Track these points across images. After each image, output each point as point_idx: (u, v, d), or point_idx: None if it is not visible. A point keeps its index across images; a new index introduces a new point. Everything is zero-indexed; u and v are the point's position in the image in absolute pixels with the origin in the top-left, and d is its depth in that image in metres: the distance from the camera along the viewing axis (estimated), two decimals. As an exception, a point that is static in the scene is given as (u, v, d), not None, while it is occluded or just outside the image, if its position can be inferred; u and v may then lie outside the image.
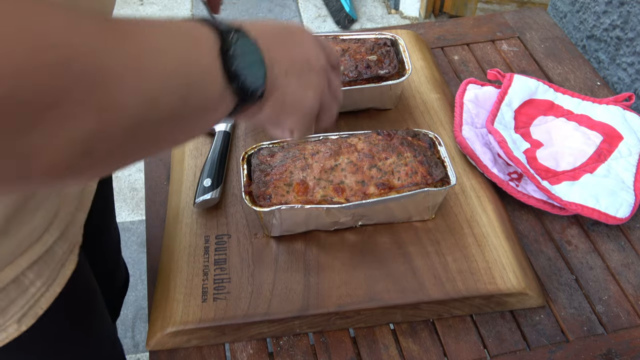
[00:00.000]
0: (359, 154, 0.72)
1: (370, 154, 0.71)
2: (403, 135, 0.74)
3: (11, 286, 0.51)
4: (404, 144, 0.73)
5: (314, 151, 0.72)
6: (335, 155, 0.72)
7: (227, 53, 0.38)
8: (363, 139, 0.74)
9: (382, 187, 0.68)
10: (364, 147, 0.72)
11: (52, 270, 0.55)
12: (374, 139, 0.74)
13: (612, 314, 0.68)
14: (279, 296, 0.66)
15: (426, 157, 0.71)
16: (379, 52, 0.87)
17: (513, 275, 0.67)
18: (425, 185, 0.69)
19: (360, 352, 0.65)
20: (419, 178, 0.69)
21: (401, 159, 0.71)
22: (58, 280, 0.56)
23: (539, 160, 0.82)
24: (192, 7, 2.82)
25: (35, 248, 0.52)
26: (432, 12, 2.65)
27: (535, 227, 0.77)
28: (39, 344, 0.57)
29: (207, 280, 0.67)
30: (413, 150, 0.72)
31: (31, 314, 0.53)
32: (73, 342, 0.63)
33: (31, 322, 0.53)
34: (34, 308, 0.53)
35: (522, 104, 0.89)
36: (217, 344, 0.65)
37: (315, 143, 0.74)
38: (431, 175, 0.70)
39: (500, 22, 1.09)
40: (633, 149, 0.82)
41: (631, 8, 0.98)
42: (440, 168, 0.71)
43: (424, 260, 0.69)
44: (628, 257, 0.74)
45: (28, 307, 0.53)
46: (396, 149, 0.72)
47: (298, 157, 0.72)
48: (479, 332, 0.66)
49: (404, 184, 0.69)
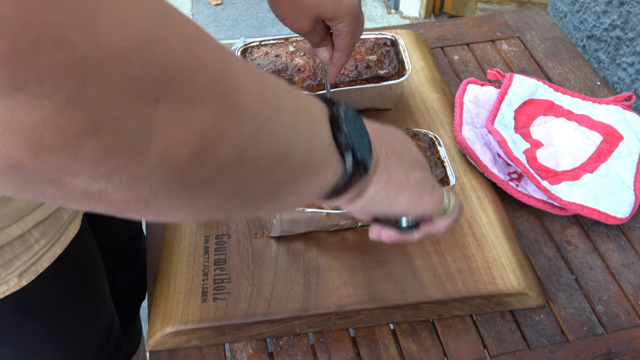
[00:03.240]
0: None
1: None
2: None
3: (17, 241, 0.54)
4: None
5: None
6: None
7: (336, 119, 0.38)
8: None
9: None
10: None
11: (57, 231, 0.58)
12: None
13: (612, 314, 0.68)
14: (279, 296, 0.66)
15: (426, 158, 0.71)
16: (379, 52, 0.87)
17: (513, 275, 0.67)
18: None
19: (360, 352, 0.65)
20: None
21: None
22: (60, 242, 0.59)
23: (539, 160, 0.82)
24: (192, 7, 2.82)
25: (43, 208, 0.55)
26: (432, 12, 2.65)
27: (535, 227, 0.77)
28: (37, 302, 0.60)
29: (207, 280, 0.67)
30: None
31: (32, 270, 0.56)
32: (69, 305, 0.65)
33: (32, 277, 0.56)
34: (35, 265, 0.56)
35: (522, 104, 0.89)
36: (217, 344, 0.65)
37: None
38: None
39: (500, 22, 1.09)
40: (633, 149, 0.82)
41: (631, 8, 0.98)
42: (439, 168, 0.71)
43: (424, 260, 0.69)
44: (628, 257, 0.74)
45: (30, 264, 0.56)
46: None
47: None
48: (479, 332, 0.66)
49: None
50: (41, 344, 0.64)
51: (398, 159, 0.44)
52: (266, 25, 2.68)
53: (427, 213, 0.48)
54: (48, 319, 0.63)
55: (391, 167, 0.43)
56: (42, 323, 0.62)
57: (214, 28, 2.68)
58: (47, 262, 0.57)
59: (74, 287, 0.65)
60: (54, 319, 0.63)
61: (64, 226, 0.59)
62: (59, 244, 0.59)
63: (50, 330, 0.63)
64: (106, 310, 0.73)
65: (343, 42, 0.70)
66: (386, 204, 0.45)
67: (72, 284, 0.64)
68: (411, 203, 0.46)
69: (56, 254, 0.58)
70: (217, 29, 2.67)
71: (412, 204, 0.46)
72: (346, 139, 0.38)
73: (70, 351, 0.68)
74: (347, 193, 0.41)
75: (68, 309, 0.65)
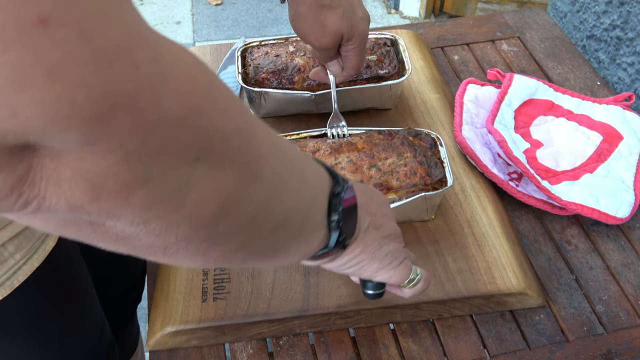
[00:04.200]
0: (359, 153, 0.72)
1: (370, 154, 0.71)
2: (404, 135, 0.74)
3: None
4: (404, 144, 0.73)
5: (315, 149, 0.72)
6: (336, 153, 0.72)
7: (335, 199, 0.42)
8: (364, 138, 0.74)
9: (380, 188, 0.68)
10: (365, 146, 0.72)
11: (33, 244, 0.57)
12: (375, 138, 0.74)
13: (612, 314, 0.68)
14: (279, 296, 0.66)
15: (426, 158, 0.71)
16: (379, 52, 0.87)
17: (513, 275, 0.67)
18: (424, 185, 0.69)
19: (360, 352, 0.65)
20: (417, 179, 0.69)
21: (401, 159, 0.71)
22: (37, 255, 0.58)
23: (539, 160, 0.82)
24: (192, 7, 2.82)
25: (17, 222, 0.54)
26: (432, 12, 2.65)
27: (535, 227, 0.77)
28: (16, 316, 0.59)
29: (207, 280, 0.67)
30: (413, 150, 0.72)
31: (7, 285, 0.55)
32: (51, 316, 0.64)
33: (7, 292, 0.55)
34: (10, 279, 0.55)
35: (522, 104, 0.89)
36: (217, 343, 0.65)
37: (317, 140, 0.74)
38: (430, 176, 0.70)
39: (500, 22, 1.09)
40: (633, 149, 0.82)
41: (631, 8, 0.98)
42: (439, 169, 0.71)
43: (424, 261, 0.69)
44: (628, 257, 0.74)
45: (5, 278, 0.55)
46: (397, 149, 0.72)
47: None
48: (479, 332, 0.66)
49: (402, 185, 0.69)
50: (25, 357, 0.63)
51: (377, 230, 0.49)
52: (266, 25, 2.68)
53: (393, 282, 0.53)
54: (29, 331, 0.61)
55: (368, 239, 0.48)
56: (22, 336, 0.61)
57: (214, 28, 2.68)
58: (24, 276, 0.56)
59: (54, 299, 0.63)
60: (35, 331, 0.62)
61: (41, 239, 0.58)
62: (36, 257, 0.57)
63: (32, 343, 0.62)
64: (94, 316, 0.72)
65: (350, 63, 0.75)
66: (356, 269, 0.50)
67: (53, 296, 0.63)
68: (379, 271, 0.50)
69: (33, 268, 0.57)
70: (217, 29, 2.67)
71: (379, 272, 0.51)
72: (338, 222, 0.42)
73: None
74: (323, 259, 0.47)
75: (50, 320, 0.64)
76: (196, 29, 2.68)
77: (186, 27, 2.69)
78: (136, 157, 0.25)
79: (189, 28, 2.69)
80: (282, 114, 0.87)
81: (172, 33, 2.64)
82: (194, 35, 2.64)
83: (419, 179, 0.70)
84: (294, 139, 0.76)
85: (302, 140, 0.75)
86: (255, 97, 0.84)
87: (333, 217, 0.42)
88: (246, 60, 0.87)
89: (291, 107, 0.85)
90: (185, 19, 2.74)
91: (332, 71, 0.77)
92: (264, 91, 0.83)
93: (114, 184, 0.25)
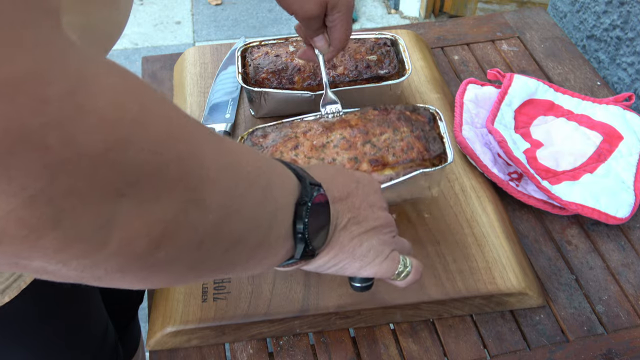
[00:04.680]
0: (353, 129, 0.68)
1: (364, 130, 0.68)
2: (401, 110, 0.71)
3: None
4: (400, 119, 0.69)
5: (307, 129, 0.70)
6: (328, 131, 0.69)
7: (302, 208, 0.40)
8: (359, 115, 0.71)
9: (375, 164, 0.66)
10: (359, 122, 0.69)
11: None
12: (370, 114, 0.70)
13: (612, 314, 0.68)
14: (279, 296, 0.66)
15: (424, 132, 0.68)
16: (379, 52, 0.87)
17: (513, 275, 0.67)
18: (422, 161, 0.66)
19: (360, 352, 0.65)
20: (414, 154, 0.66)
21: (397, 134, 0.68)
22: None
23: (539, 160, 0.82)
24: (192, 7, 2.82)
25: None
26: (432, 12, 2.65)
27: (535, 227, 0.77)
28: (23, 317, 0.59)
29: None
30: (410, 125, 0.69)
31: (15, 287, 0.55)
32: (57, 317, 0.64)
33: (14, 294, 0.55)
34: (17, 281, 0.55)
35: (522, 104, 0.89)
36: (217, 343, 0.65)
37: (309, 121, 0.72)
38: (428, 151, 0.67)
39: (500, 22, 1.09)
40: (633, 149, 0.82)
41: (631, 8, 0.98)
42: (438, 143, 0.68)
43: (424, 260, 0.69)
44: (628, 257, 0.74)
45: (12, 280, 0.54)
46: (392, 124, 0.69)
47: (290, 136, 0.69)
48: (479, 332, 0.66)
49: (398, 161, 0.66)
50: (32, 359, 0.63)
51: (358, 226, 0.46)
52: (266, 25, 2.68)
53: (379, 277, 0.50)
54: (35, 333, 0.61)
55: (345, 238, 0.46)
56: (29, 338, 0.61)
57: (214, 28, 2.68)
58: (30, 278, 0.56)
59: (60, 299, 0.63)
60: (42, 333, 0.62)
61: None
62: None
63: (39, 344, 0.62)
64: (98, 316, 0.72)
65: (337, 34, 0.73)
66: (336, 269, 0.48)
67: (59, 296, 0.63)
68: (361, 269, 0.48)
69: None
70: (217, 29, 2.67)
71: (362, 270, 0.48)
72: (304, 231, 0.40)
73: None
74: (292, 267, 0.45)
75: (56, 321, 0.64)
76: (196, 29, 2.68)
77: (186, 27, 2.69)
78: (44, 200, 0.23)
79: (189, 28, 2.69)
80: (282, 114, 0.87)
81: (172, 33, 2.64)
82: (194, 35, 2.64)
83: (416, 154, 0.67)
84: (287, 122, 0.73)
85: (293, 122, 0.72)
86: (255, 97, 0.84)
87: (299, 228, 0.40)
88: (246, 60, 0.87)
89: (291, 107, 0.85)
90: (185, 19, 2.74)
91: (319, 47, 0.76)
92: (264, 91, 0.83)
93: (17, 229, 0.23)
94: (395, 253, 0.51)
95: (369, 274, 0.49)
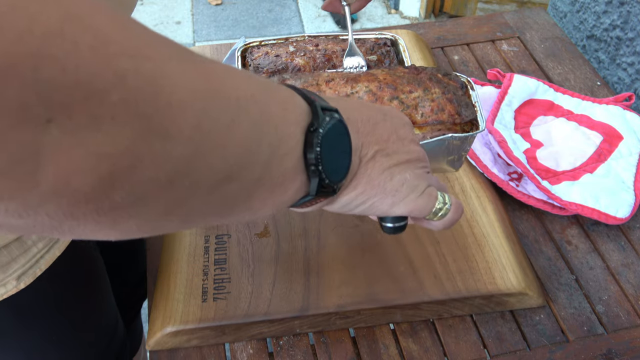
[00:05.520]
0: (380, 83, 0.63)
1: (393, 85, 0.63)
2: (432, 72, 0.67)
3: (14, 244, 0.54)
4: (432, 80, 0.64)
5: (329, 78, 0.66)
6: (353, 82, 0.64)
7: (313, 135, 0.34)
8: (387, 71, 0.67)
9: None
10: (387, 77, 0.64)
11: None
12: (400, 71, 0.66)
13: (612, 314, 0.68)
14: (279, 296, 0.66)
15: (456, 96, 0.63)
16: (379, 52, 0.87)
17: (513, 275, 0.67)
18: (452, 124, 0.62)
19: (360, 352, 0.65)
20: (445, 116, 0.61)
21: (427, 94, 0.63)
22: (59, 244, 0.58)
23: (539, 160, 0.82)
24: (192, 7, 2.82)
25: None
26: (432, 12, 2.65)
27: (535, 227, 0.77)
28: (37, 305, 0.60)
29: (207, 280, 0.67)
30: (442, 87, 0.64)
31: (30, 273, 0.56)
32: (70, 307, 0.65)
33: (30, 280, 0.56)
34: (33, 268, 0.56)
35: (522, 104, 0.89)
36: (217, 343, 0.65)
37: (332, 71, 0.69)
38: (460, 115, 0.62)
39: (500, 22, 1.09)
40: (633, 149, 0.82)
41: (631, 8, 0.98)
42: (470, 109, 0.63)
43: (424, 260, 0.69)
44: (628, 257, 0.74)
45: (29, 266, 0.55)
46: (423, 83, 0.64)
47: (311, 83, 0.66)
48: (479, 332, 0.66)
49: (427, 121, 0.61)
50: (43, 347, 0.63)
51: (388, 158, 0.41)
52: (266, 25, 2.68)
53: (415, 215, 0.45)
54: (49, 321, 0.62)
55: (374, 171, 0.40)
56: (42, 326, 0.62)
57: (214, 28, 2.68)
58: (46, 265, 0.57)
59: (74, 289, 0.64)
60: (55, 322, 0.63)
61: None
62: (57, 246, 0.58)
63: (51, 333, 0.63)
64: (109, 310, 0.73)
65: None
66: (364, 207, 0.42)
67: (72, 286, 0.64)
68: (394, 206, 0.43)
69: (54, 256, 0.58)
70: (217, 29, 2.67)
71: (395, 207, 0.43)
72: (316, 161, 0.34)
73: (73, 353, 0.68)
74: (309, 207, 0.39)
75: (69, 311, 0.65)
76: (196, 29, 2.68)
77: (186, 27, 2.69)
78: None
79: (189, 28, 2.69)
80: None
81: (172, 33, 2.64)
82: (194, 35, 2.64)
83: (447, 116, 0.62)
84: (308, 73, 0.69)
85: (315, 70, 0.68)
86: (256, 97, 0.84)
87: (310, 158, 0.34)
88: (246, 60, 0.87)
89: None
90: (185, 19, 2.74)
91: None
92: (264, 91, 0.82)
93: None
94: (432, 189, 0.45)
95: (403, 212, 0.43)
